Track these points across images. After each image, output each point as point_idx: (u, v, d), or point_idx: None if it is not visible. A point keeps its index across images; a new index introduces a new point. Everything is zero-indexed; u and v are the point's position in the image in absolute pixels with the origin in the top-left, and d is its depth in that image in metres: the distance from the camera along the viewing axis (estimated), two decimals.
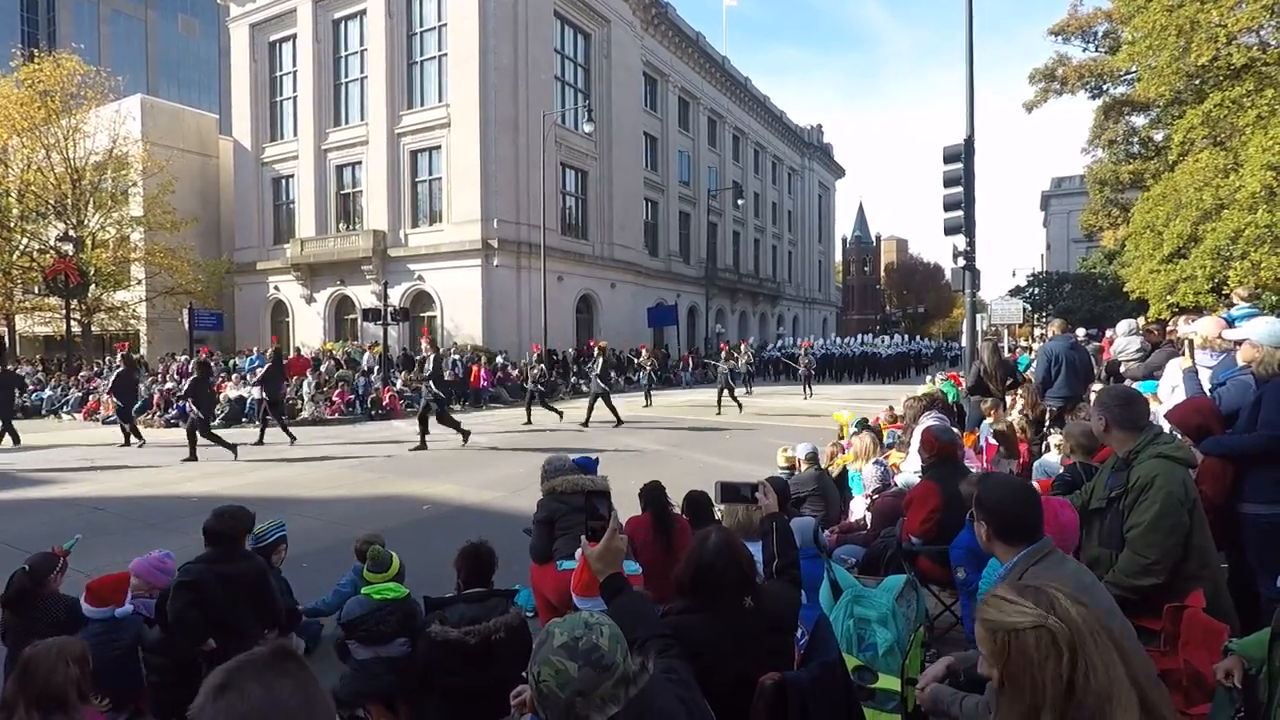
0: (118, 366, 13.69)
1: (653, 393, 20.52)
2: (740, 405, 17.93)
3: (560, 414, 15.86)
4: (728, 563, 2.24)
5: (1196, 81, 17.92)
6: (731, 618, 2.22)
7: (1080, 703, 1.24)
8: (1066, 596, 1.35)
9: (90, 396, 20.14)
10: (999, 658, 1.33)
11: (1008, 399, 8.01)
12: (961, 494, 3.74)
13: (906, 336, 42.25)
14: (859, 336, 38.23)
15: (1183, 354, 4.76)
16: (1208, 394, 4.20)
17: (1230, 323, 5.44)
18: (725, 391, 17.91)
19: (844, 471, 6.74)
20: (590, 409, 15.13)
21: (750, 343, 36.46)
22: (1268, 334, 3.83)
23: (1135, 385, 6.60)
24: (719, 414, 16.93)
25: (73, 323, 25.13)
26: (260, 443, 12.95)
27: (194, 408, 11.48)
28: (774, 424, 15.21)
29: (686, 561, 2.32)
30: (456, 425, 12.38)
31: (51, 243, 25.53)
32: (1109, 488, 3.03)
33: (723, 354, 19.70)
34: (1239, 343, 4.09)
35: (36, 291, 26.73)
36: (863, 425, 7.63)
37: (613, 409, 14.84)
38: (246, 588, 3.40)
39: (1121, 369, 7.68)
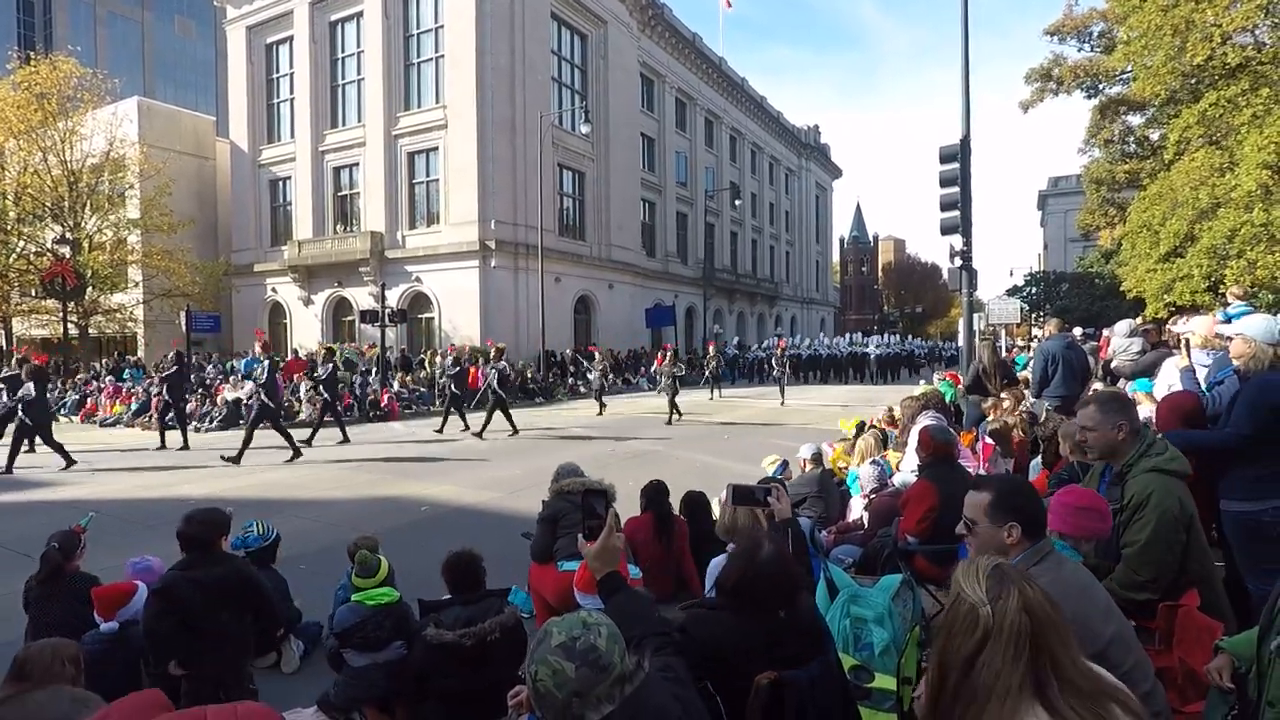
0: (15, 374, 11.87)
1: (608, 398, 18.74)
2: (676, 415, 16.07)
3: (467, 426, 14.55)
4: (780, 576, 2.19)
5: (1192, 81, 17.96)
6: (763, 624, 2.19)
7: (972, 684, 1.37)
8: (1023, 598, 1.40)
9: (88, 399, 20.12)
10: (948, 606, 1.50)
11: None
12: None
13: (899, 336, 40.79)
14: (848, 336, 36.59)
15: (1179, 353, 4.77)
16: (1204, 393, 4.21)
17: (1227, 321, 5.46)
18: (672, 397, 16.25)
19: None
20: (488, 416, 13.91)
21: (732, 343, 36.01)
22: (1264, 330, 3.84)
23: (1127, 384, 6.62)
24: (670, 423, 15.48)
25: (70, 325, 25.09)
26: (162, 447, 12.71)
27: (24, 413, 10.74)
28: (695, 438, 13.28)
29: (733, 565, 2.26)
30: (289, 437, 11.67)
31: (48, 245, 25.49)
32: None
33: (668, 355, 17.61)
34: (1232, 339, 4.10)
35: (33, 294, 26.65)
36: (860, 429, 7.64)
37: (509, 418, 13.86)
38: (229, 592, 3.20)
39: (1114, 365, 7.71)
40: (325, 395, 13.51)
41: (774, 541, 2.33)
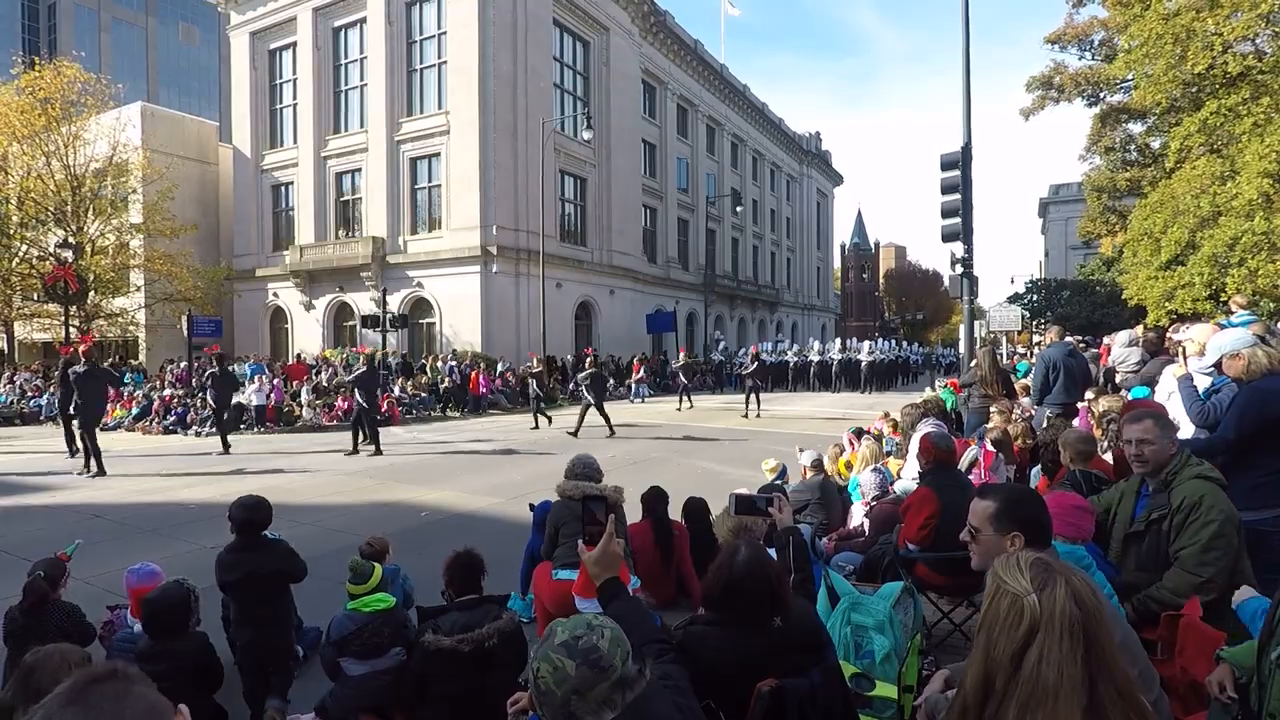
0: None
1: (545, 411, 16.22)
2: (608, 431, 14.09)
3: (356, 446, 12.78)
4: (758, 579, 2.16)
5: (1193, 89, 18.02)
6: (759, 635, 2.16)
7: (1021, 680, 1.31)
8: (1071, 588, 1.36)
9: None
10: (985, 603, 1.45)
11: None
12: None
13: (893, 342, 38.40)
14: (838, 341, 33.23)
15: (1178, 361, 4.78)
16: (1210, 402, 4.21)
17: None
18: (585, 407, 14.36)
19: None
20: (355, 434, 12.69)
21: (718, 349, 34.02)
22: (1240, 339, 3.87)
23: (1128, 392, 6.62)
24: (574, 434, 13.93)
25: (71, 329, 25.10)
26: (82, 456, 11.22)
27: None
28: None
29: (714, 575, 2.25)
30: (73, 446, 11.19)
31: (51, 249, 25.53)
32: (1148, 509, 3.01)
33: (586, 360, 15.72)
34: (1217, 365, 4.11)
35: (35, 298, 26.67)
36: (859, 434, 7.63)
37: (360, 433, 12.55)
38: (262, 577, 3.65)
39: (1118, 379, 7.70)
40: (212, 402, 12.95)
41: (750, 545, 2.30)
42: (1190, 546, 2.81)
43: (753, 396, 18.24)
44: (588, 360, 15.71)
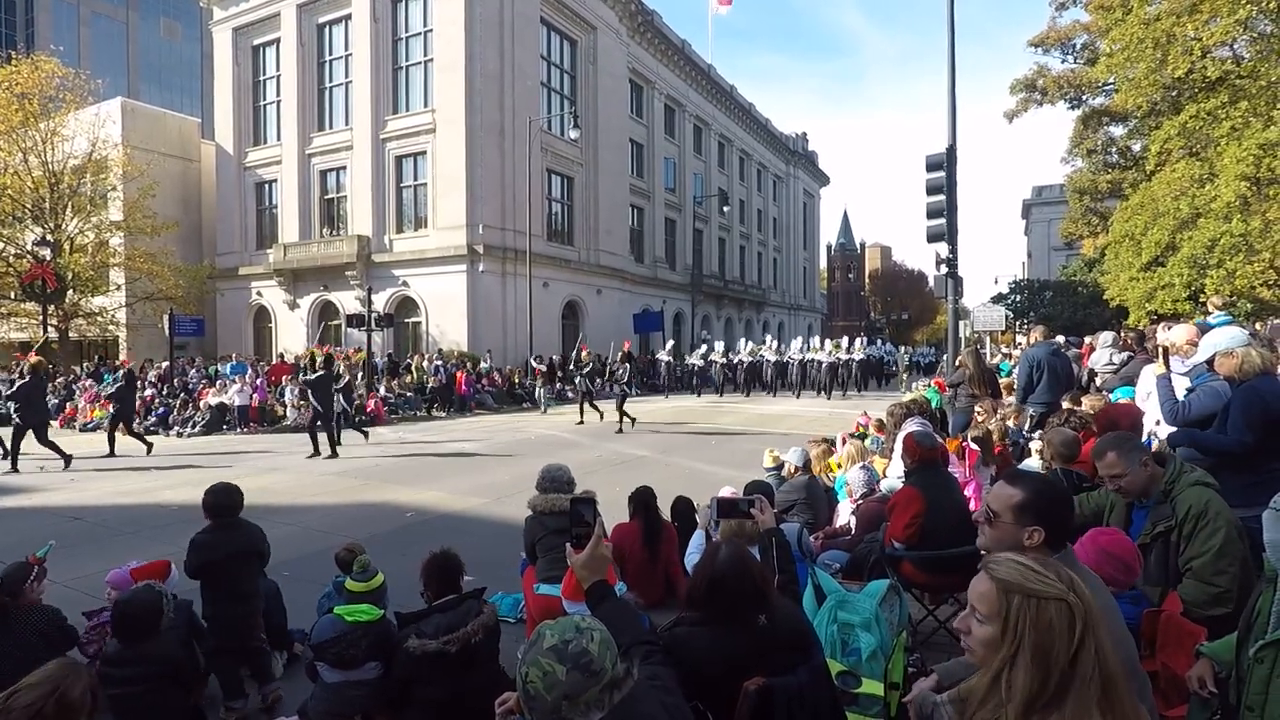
0: None
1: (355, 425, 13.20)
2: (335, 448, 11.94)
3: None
4: (740, 576, 2.17)
5: (1173, 93, 18.30)
6: (746, 634, 2.16)
7: (1081, 677, 1.30)
8: (1081, 582, 1.40)
9: (67, 404, 19.84)
10: (1000, 617, 1.37)
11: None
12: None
13: (865, 340, 30.02)
14: (797, 340, 26.78)
15: (1157, 360, 4.83)
16: (1181, 400, 4.26)
17: (1205, 330, 5.53)
18: (326, 431, 11.97)
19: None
20: (111, 436, 13.02)
21: (666, 348, 29.61)
22: (1234, 338, 3.92)
23: (1110, 393, 6.70)
24: (331, 455, 11.89)
25: (50, 329, 24.72)
26: None
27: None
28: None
29: (697, 573, 2.26)
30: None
31: (28, 247, 25.11)
32: (1152, 522, 2.98)
33: (339, 365, 13.21)
34: (1209, 362, 4.16)
35: (13, 297, 26.24)
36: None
37: (112, 439, 12.87)
38: (249, 555, 3.93)
39: (1098, 381, 7.80)
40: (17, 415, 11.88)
41: (731, 544, 2.31)
42: (1202, 556, 2.78)
43: (619, 408, 14.41)
44: (319, 362, 12.86)
